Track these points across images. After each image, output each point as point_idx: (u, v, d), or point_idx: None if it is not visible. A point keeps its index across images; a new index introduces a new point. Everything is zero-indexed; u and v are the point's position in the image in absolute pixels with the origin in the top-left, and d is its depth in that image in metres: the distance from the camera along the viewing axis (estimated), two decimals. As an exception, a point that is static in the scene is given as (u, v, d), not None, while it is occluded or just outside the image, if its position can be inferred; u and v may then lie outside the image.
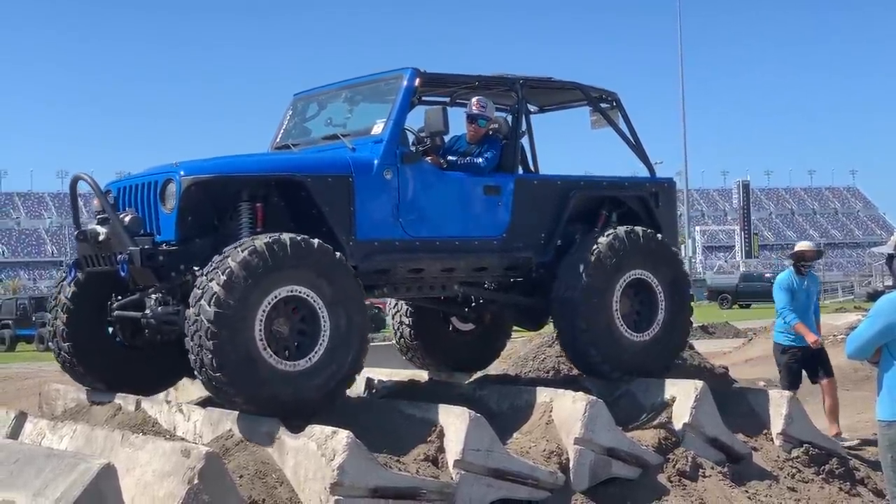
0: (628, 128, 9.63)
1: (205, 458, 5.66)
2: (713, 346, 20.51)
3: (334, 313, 6.99)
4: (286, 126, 9.11)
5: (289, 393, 6.78)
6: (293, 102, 9.26)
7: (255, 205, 7.48)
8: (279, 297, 6.80)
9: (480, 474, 6.82)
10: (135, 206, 7.53)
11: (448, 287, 8.54)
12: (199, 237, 7.37)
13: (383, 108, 8.16)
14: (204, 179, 7.32)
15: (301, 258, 6.87)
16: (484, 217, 8.42)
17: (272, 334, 6.80)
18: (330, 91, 9.04)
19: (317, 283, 6.93)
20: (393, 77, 8.35)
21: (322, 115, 8.96)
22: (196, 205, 7.31)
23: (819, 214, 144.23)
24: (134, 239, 7.17)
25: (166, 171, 7.42)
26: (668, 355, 8.84)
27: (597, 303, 8.36)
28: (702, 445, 8.03)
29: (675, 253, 9.14)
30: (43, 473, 5.49)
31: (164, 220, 7.32)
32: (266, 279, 6.72)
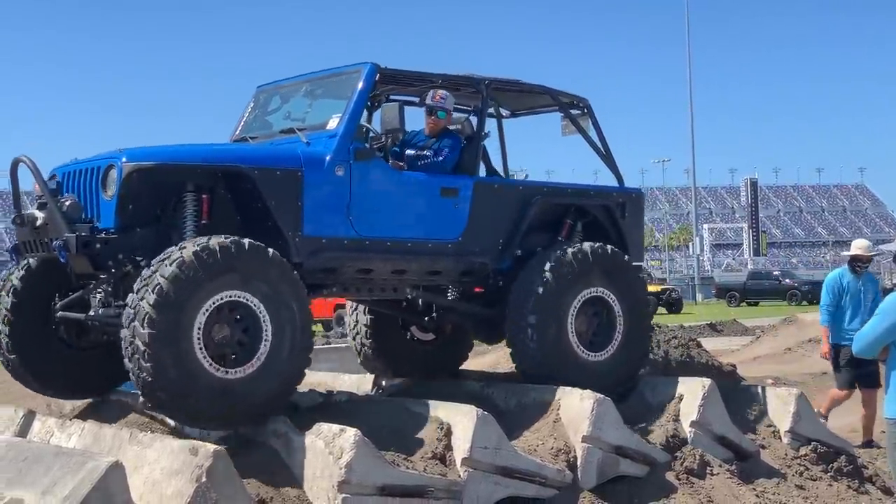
0: (598, 135, 9.38)
1: (213, 457, 5.66)
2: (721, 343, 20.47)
3: (275, 315, 6.77)
4: (246, 119, 8.85)
5: (234, 401, 6.56)
6: (255, 95, 9.00)
7: (200, 196, 7.26)
8: (215, 305, 6.56)
9: (488, 472, 6.82)
10: (77, 192, 7.28)
11: (400, 290, 8.26)
12: (140, 226, 7.12)
13: (341, 103, 7.93)
14: (147, 167, 7.05)
15: (233, 262, 6.62)
16: (439, 219, 8.14)
17: (212, 343, 6.57)
18: (292, 84, 8.79)
19: (253, 286, 6.70)
20: (352, 71, 8.12)
21: (283, 109, 8.73)
22: (138, 193, 7.06)
23: (827, 212, 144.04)
24: (72, 225, 6.95)
25: (109, 156, 7.18)
26: (625, 376, 8.46)
27: (551, 319, 8.12)
28: (709, 443, 8.02)
29: (636, 270, 8.90)
30: (51, 472, 5.50)
31: (105, 206, 7.07)
32: (198, 290, 6.48)
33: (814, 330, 18.66)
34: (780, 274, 54.39)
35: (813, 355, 16.20)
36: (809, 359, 16.11)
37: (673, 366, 10.38)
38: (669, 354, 10.81)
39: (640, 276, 8.96)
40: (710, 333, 24.29)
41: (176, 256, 6.49)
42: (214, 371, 6.51)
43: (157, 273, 6.42)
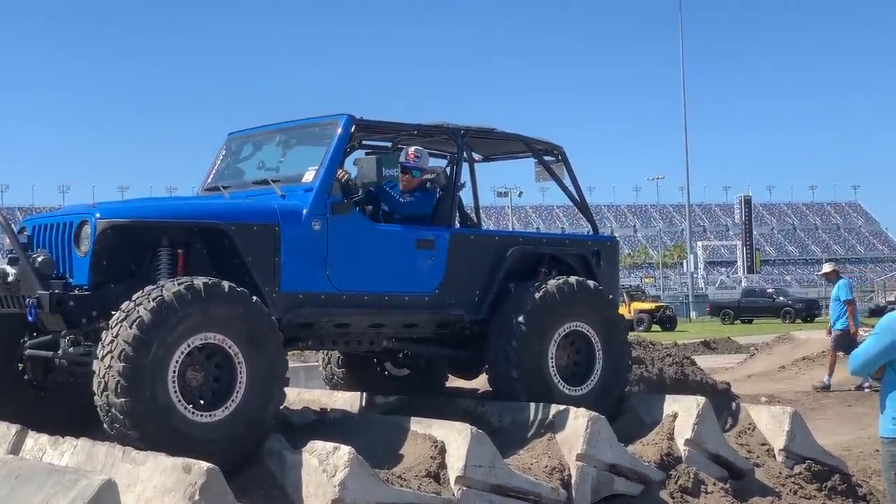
0: (573, 182, 9.40)
1: (206, 474, 5.63)
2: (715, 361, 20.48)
3: (251, 361, 6.65)
4: (218, 167, 8.72)
5: (203, 444, 6.37)
6: (227, 142, 8.87)
7: (175, 251, 7.17)
8: (193, 346, 6.46)
9: (482, 490, 6.80)
10: (48, 247, 7.14)
11: (377, 342, 8.16)
12: (114, 282, 7.00)
13: (316, 155, 7.84)
14: (121, 224, 6.94)
15: (214, 303, 6.53)
16: (416, 272, 8.07)
17: (186, 384, 6.47)
18: (264, 133, 8.69)
19: (232, 330, 6.59)
20: (328, 123, 8.03)
21: (255, 157, 8.58)
22: (112, 249, 6.96)
23: (821, 230, 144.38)
24: (45, 282, 6.81)
25: (82, 212, 7.07)
26: (604, 412, 8.06)
27: (532, 355, 8.12)
28: (704, 461, 8.01)
29: (616, 306, 8.96)
30: (44, 489, 5.46)
31: (78, 263, 6.95)
32: (177, 328, 6.37)
33: (807, 348, 18.70)
34: (773, 292, 54.51)
35: (807, 373, 16.22)
36: (803, 377, 16.12)
37: (667, 383, 10.41)
38: (664, 372, 10.84)
39: (621, 315, 9.00)
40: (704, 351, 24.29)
41: (157, 294, 6.42)
42: (187, 413, 6.42)
43: (140, 307, 6.34)
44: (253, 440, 6.70)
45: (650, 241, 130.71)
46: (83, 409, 6.89)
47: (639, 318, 43.72)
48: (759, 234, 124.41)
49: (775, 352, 19.58)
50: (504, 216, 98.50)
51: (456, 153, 8.73)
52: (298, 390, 9.88)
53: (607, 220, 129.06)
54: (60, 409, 7.70)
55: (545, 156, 9.43)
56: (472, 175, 9.56)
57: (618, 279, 9.53)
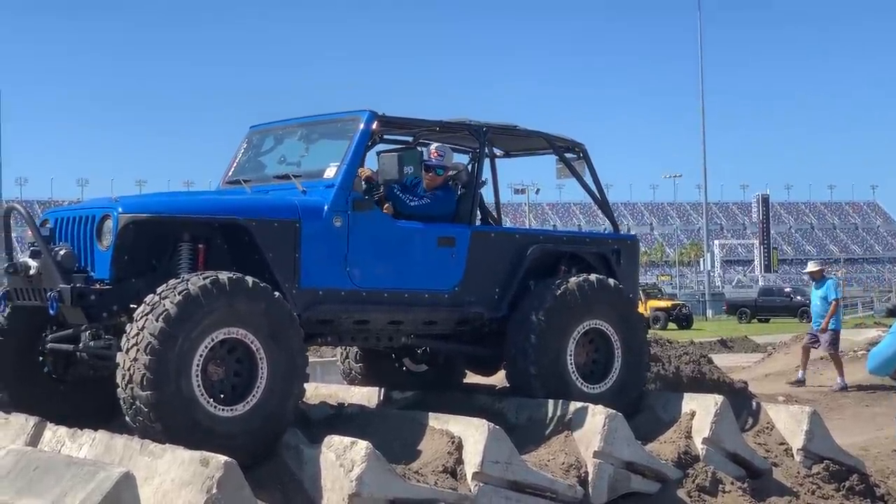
0: (594, 180, 9.39)
1: (223, 468, 5.65)
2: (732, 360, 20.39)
3: (272, 357, 6.67)
4: (240, 160, 8.72)
5: (224, 439, 6.38)
6: (249, 135, 8.87)
7: (196, 246, 7.17)
8: (216, 340, 6.49)
9: (499, 486, 6.80)
10: (70, 240, 7.16)
11: (395, 339, 8.14)
12: (135, 277, 7.02)
13: (338, 151, 7.84)
14: (143, 218, 6.97)
15: (239, 297, 6.56)
16: (436, 269, 8.06)
17: (209, 378, 6.50)
18: (287, 127, 8.67)
19: (254, 325, 6.61)
20: (350, 119, 8.04)
21: (277, 151, 8.60)
22: (134, 243, 6.99)
23: (839, 229, 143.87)
24: (67, 276, 6.84)
25: (104, 205, 7.11)
26: (622, 409, 7.96)
27: (550, 352, 8.10)
28: (721, 460, 7.99)
29: (635, 304, 8.94)
30: (62, 481, 5.49)
31: (100, 257, 6.96)
32: (202, 322, 6.40)
33: (825, 347, 18.60)
34: (791, 291, 54.29)
35: (825, 373, 16.14)
36: (821, 376, 16.02)
37: (684, 382, 10.35)
38: (680, 370, 10.79)
39: (640, 313, 8.98)
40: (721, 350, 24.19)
41: (183, 287, 6.44)
42: (209, 407, 6.44)
43: (166, 300, 6.36)
44: (272, 435, 6.71)
45: (667, 239, 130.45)
46: (102, 403, 6.90)
47: (655, 317, 43.60)
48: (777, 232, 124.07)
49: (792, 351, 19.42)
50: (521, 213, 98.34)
51: (477, 150, 8.72)
52: (315, 385, 9.88)
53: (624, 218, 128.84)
54: (79, 403, 7.71)
55: (566, 153, 9.40)
56: (494, 172, 9.54)
57: (637, 278, 9.51)
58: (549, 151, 9.48)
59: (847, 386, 14.76)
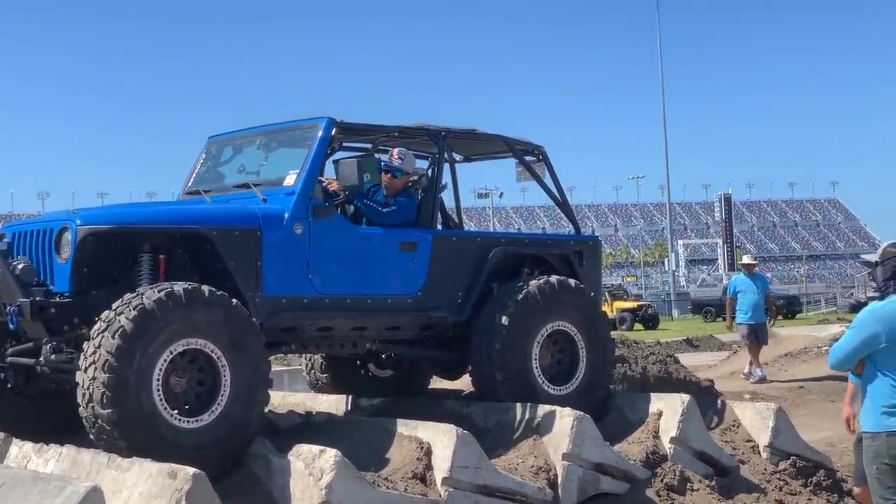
0: (554, 182, 9.42)
1: (192, 480, 5.62)
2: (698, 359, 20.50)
3: (235, 366, 6.63)
4: (199, 171, 8.67)
5: (191, 451, 6.33)
6: (207, 146, 8.82)
7: (157, 256, 7.13)
8: (176, 352, 6.43)
9: (469, 491, 6.81)
10: (29, 254, 7.10)
11: (359, 345, 8.16)
12: (96, 289, 6.96)
13: (297, 158, 7.81)
14: (102, 230, 6.90)
15: (196, 309, 6.50)
16: (398, 274, 8.06)
17: (171, 391, 6.44)
18: (245, 136, 8.63)
19: (214, 335, 6.56)
20: (308, 126, 7.98)
21: (236, 161, 8.54)
22: (93, 256, 6.92)
23: (801, 227, 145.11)
24: (26, 289, 6.75)
25: (62, 218, 7.04)
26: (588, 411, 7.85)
27: (515, 355, 8.11)
28: (689, 459, 8.03)
29: (599, 305, 8.97)
30: (29, 497, 5.44)
31: (59, 270, 6.91)
32: (160, 335, 6.34)
33: (790, 344, 18.74)
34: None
35: (790, 369, 16.26)
36: (786, 373, 16.15)
37: (651, 382, 10.40)
38: (647, 370, 10.83)
39: (603, 313, 9.00)
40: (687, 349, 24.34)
41: (137, 302, 6.38)
42: (173, 420, 6.40)
43: (121, 316, 6.30)
44: (239, 443, 6.68)
45: (631, 240, 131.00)
46: (67, 416, 6.84)
47: (621, 317, 43.81)
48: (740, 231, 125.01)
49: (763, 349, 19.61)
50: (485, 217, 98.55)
51: (437, 154, 8.72)
52: (283, 394, 9.87)
53: (588, 220, 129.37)
54: (44, 417, 7.63)
55: (526, 156, 9.43)
56: (454, 176, 9.56)
57: (600, 278, 9.51)
58: (509, 155, 9.52)
59: (765, 377, 14.98)
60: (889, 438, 5.72)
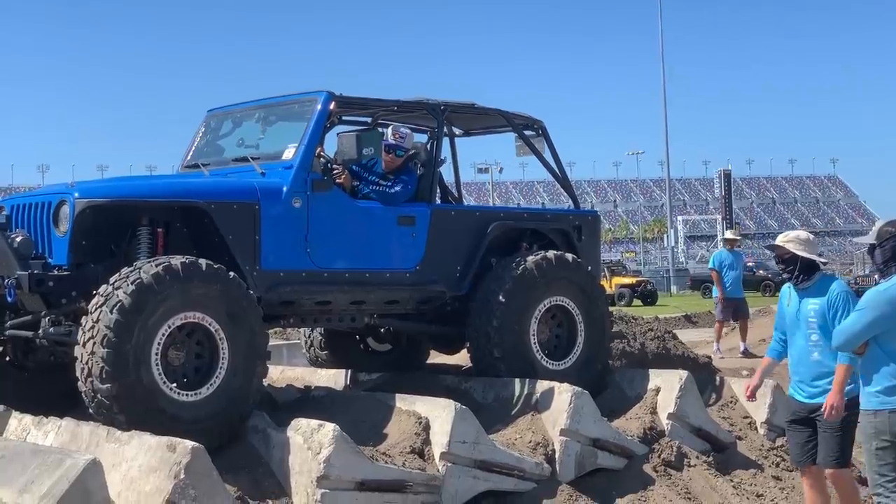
0: (553, 157, 9.42)
1: (191, 453, 5.64)
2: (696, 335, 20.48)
3: (233, 338, 6.65)
4: (198, 144, 8.67)
5: (191, 424, 6.39)
6: (206, 119, 8.82)
7: (155, 230, 7.11)
8: (174, 326, 6.45)
9: (467, 466, 6.84)
10: (27, 227, 7.10)
11: (358, 319, 8.15)
12: (94, 262, 6.96)
13: (296, 132, 7.80)
14: (100, 203, 6.88)
15: (193, 282, 6.51)
16: (397, 249, 8.08)
17: (169, 365, 6.47)
18: (244, 109, 8.63)
19: (212, 308, 6.59)
20: (307, 100, 8.01)
21: (235, 134, 8.54)
22: (91, 229, 6.91)
23: (800, 203, 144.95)
24: (24, 262, 6.75)
25: (60, 191, 7.03)
26: (587, 386, 7.94)
27: (513, 329, 8.13)
28: (686, 435, 8.07)
29: (597, 280, 8.98)
30: (28, 470, 5.47)
31: (57, 243, 6.90)
32: (158, 309, 6.35)
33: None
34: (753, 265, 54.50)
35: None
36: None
37: (649, 358, 10.39)
38: (645, 346, 10.82)
39: (602, 288, 9.00)
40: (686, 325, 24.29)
41: (135, 276, 6.38)
42: (172, 393, 6.42)
43: (118, 291, 6.30)
44: (238, 416, 6.72)
45: (630, 215, 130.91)
46: (66, 389, 6.86)
47: (620, 293, 43.74)
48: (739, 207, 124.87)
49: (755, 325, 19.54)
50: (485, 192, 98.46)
51: (436, 129, 8.71)
52: (282, 368, 9.88)
53: (588, 196, 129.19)
54: (43, 390, 7.66)
55: (525, 130, 9.42)
56: (453, 150, 9.54)
57: (599, 253, 9.53)
58: (509, 129, 9.50)
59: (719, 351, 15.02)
60: (891, 415, 5.78)
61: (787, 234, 6.72)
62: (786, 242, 6.57)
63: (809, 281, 6.51)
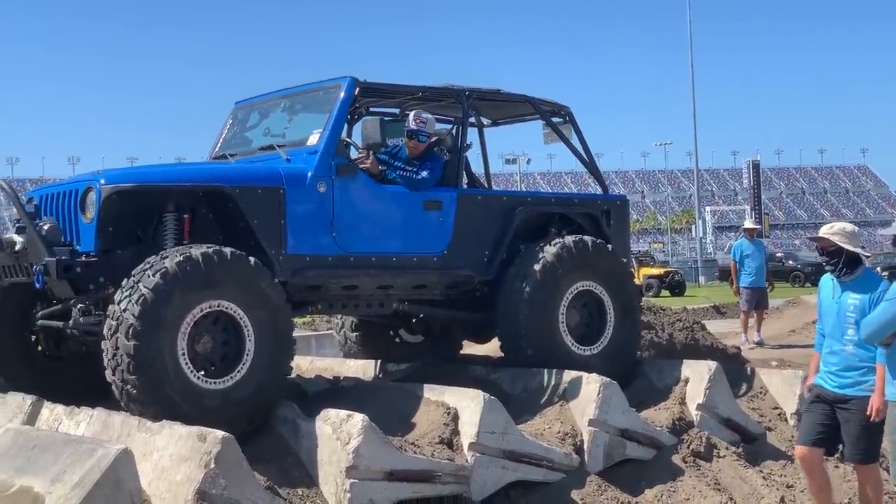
0: (581, 143, 9.40)
1: (221, 443, 5.67)
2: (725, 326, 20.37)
3: (258, 324, 6.69)
4: (225, 135, 8.74)
5: (220, 411, 6.46)
6: (234, 111, 8.90)
7: (181, 216, 7.17)
8: (199, 315, 6.49)
9: (495, 456, 6.84)
10: (56, 215, 7.18)
11: (386, 305, 8.15)
12: (121, 248, 7.05)
13: (321, 118, 7.85)
14: (126, 189, 6.95)
15: (216, 271, 6.53)
16: (424, 233, 8.08)
17: (196, 353, 6.53)
18: (270, 100, 8.71)
19: (236, 295, 6.61)
20: (331, 86, 8.04)
21: (261, 125, 8.63)
22: (117, 215, 6.98)
23: (830, 193, 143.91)
24: (52, 249, 6.81)
25: (87, 179, 7.10)
26: (615, 372, 8.03)
27: (542, 315, 8.12)
28: (716, 426, 8.04)
29: (626, 265, 8.94)
30: (61, 459, 5.51)
31: (84, 230, 6.98)
32: (182, 299, 6.40)
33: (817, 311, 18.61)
34: (782, 256, 54.22)
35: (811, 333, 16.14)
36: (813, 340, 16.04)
37: (678, 349, 10.38)
38: (674, 337, 10.81)
39: (630, 272, 8.97)
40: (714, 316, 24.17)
41: (158, 266, 6.41)
42: (199, 382, 6.46)
43: (140, 283, 6.34)
44: (266, 402, 6.75)
45: (658, 206, 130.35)
46: (97, 379, 6.92)
47: (648, 284, 43.54)
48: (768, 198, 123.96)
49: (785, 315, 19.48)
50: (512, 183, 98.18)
51: (462, 116, 8.71)
52: (311, 358, 9.92)
53: (615, 186, 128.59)
54: (74, 379, 7.73)
55: (553, 117, 9.40)
56: (482, 140, 9.55)
57: (628, 238, 9.51)
58: (536, 117, 9.48)
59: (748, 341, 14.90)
60: None
61: (832, 225, 6.59)
62: (831, 234, 6.46)
63: (853, 274, 6.43)
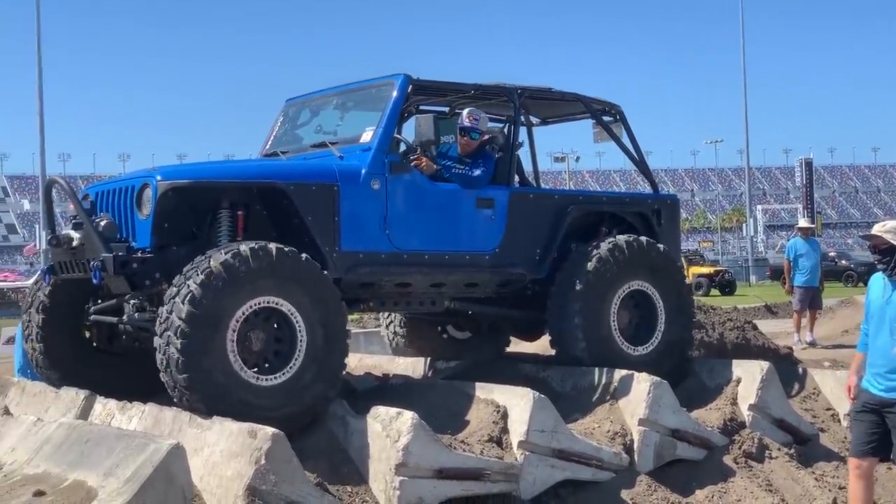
0: (632, 142, 9.34)
1: (271, 439, 5.71)
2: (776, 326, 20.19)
3: (309, 320, 6.67)
4: (276, 133, 8.77)
5: (272, 408, 6.45)
6: (284, 109, 8.92)
7: (235, 212, 7.20)
8: (249, 312, 6.49)
9: (545, 455, 6.83)
10: (111, 212, 7.22)
11: (438, 303, 8.18)
12: (176, 244, 7.08)
13: (373, 116, 7.85)
14: (181, 185, 6.98)
15: (264, 267, 6.54)
16: (476, 231, 8.07)
17: (247, 351, 6.53)
18: (321, 97, 8.72)
19: (286, 291, 6.60)
20: (384, 84, 8.03)
21: (313, 122, 8.64)
22: (173, 211, 7.01)
23: (883, 192, 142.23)
24: (108, 245, 6.87)
25: (143, 175, 7.14)
26: (667, 372, 8.02)
27: (594, 315, 8.08)
28: (768, 427, 7.97)
29: (677, 264, 8.88)
30: (113, 453, 5.56)
31: (140, 226, 7.01)
32: (230, 297, 6.41)
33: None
34: (835, 255, 53.61)
35: (857, 334, 15.95)
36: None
37: (728, 348, 10.29)
38: (725, 337, 10.71)
39: (682, 272, 8.92)
40: (766, 315, 23.96)
41: (205, 265, 6.44)
42: (251, 379, 6.47)
43: (189, 281, 6.37)
44: (318, 399, 6.74)
45: (708, 205, 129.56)
46: (150, 374, 6.99)
47: (698, 283, 43.22)
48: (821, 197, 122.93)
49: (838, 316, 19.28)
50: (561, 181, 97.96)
51: (513, 114, 8.70)
52: (360, 356, 9.94)
53: (665, 185, 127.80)
54: (127, 375, 7.78)
55: (603, 115, 9.36)
56: (531, 138, 9.52)
57: (679, 238, 9.46)
58: (586, 116, 9.46)
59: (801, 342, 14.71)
60: None
61: (885, 223, 6.45)
62: (884, 232, 6.34)
63: None
